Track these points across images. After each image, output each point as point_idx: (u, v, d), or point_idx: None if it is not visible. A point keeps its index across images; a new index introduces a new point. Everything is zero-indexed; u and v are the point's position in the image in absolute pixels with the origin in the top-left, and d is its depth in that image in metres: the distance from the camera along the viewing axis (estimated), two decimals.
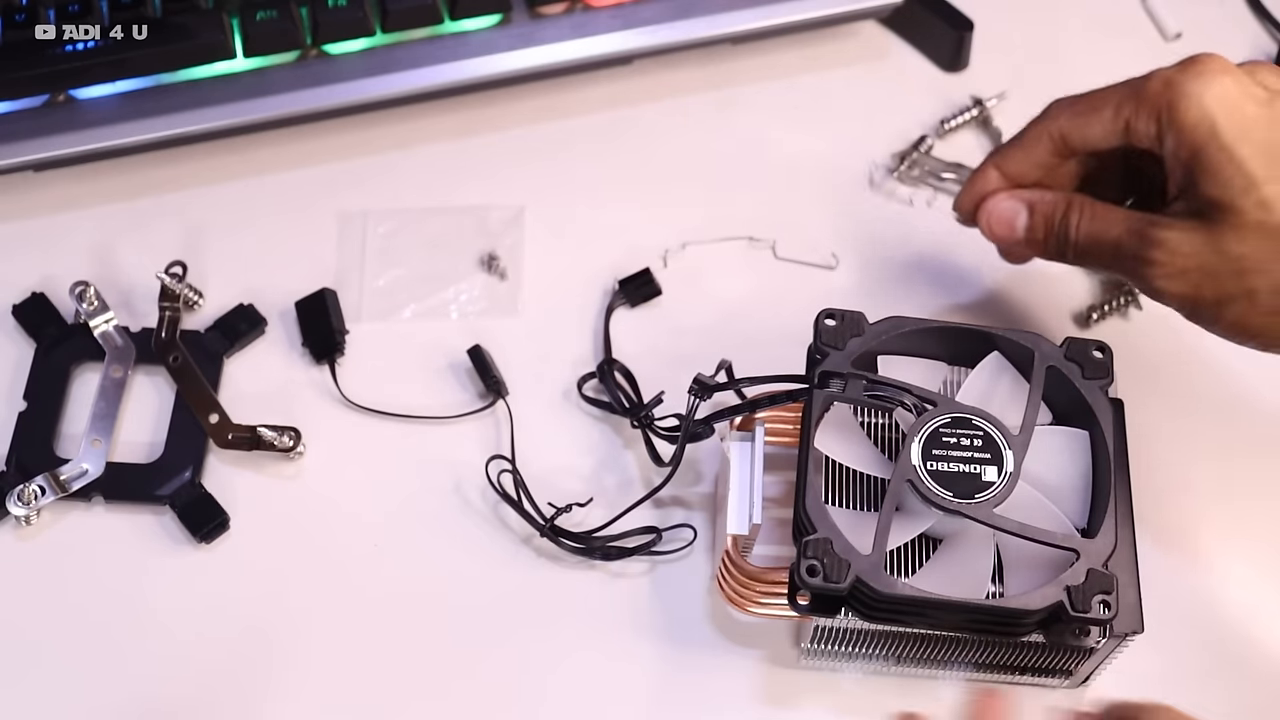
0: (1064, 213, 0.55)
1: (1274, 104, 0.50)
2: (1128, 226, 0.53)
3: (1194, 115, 0.50)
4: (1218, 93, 0.50)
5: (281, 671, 0.58)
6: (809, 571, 0.50)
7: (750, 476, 0.55)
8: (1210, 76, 0.50)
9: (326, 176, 0.70)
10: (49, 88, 0.67)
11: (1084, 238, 0.54)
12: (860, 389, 0.53)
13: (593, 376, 0.63)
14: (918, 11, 0.73)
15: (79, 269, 0.66)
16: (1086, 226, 0.54)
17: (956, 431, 0.52)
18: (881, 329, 0.55)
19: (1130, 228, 0.53)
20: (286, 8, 0.68)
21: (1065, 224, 0.55)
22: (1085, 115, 0.55)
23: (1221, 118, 0.50)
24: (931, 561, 0.53)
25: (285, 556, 0.60)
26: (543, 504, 0.60)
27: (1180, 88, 0.51)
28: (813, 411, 0.54)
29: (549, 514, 0.59)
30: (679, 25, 0.70)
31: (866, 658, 0.56)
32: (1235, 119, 0.50)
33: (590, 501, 0.60)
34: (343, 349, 0.65)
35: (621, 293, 0.65)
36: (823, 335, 0.55)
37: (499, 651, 0.58)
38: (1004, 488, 0.51)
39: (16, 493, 0.60)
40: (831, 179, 0.70)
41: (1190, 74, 0.51)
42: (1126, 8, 0.76)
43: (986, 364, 0.56)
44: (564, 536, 0.59)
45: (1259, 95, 0.50)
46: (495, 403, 0.63)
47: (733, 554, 0.55)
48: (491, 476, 0.60)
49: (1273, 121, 0.50)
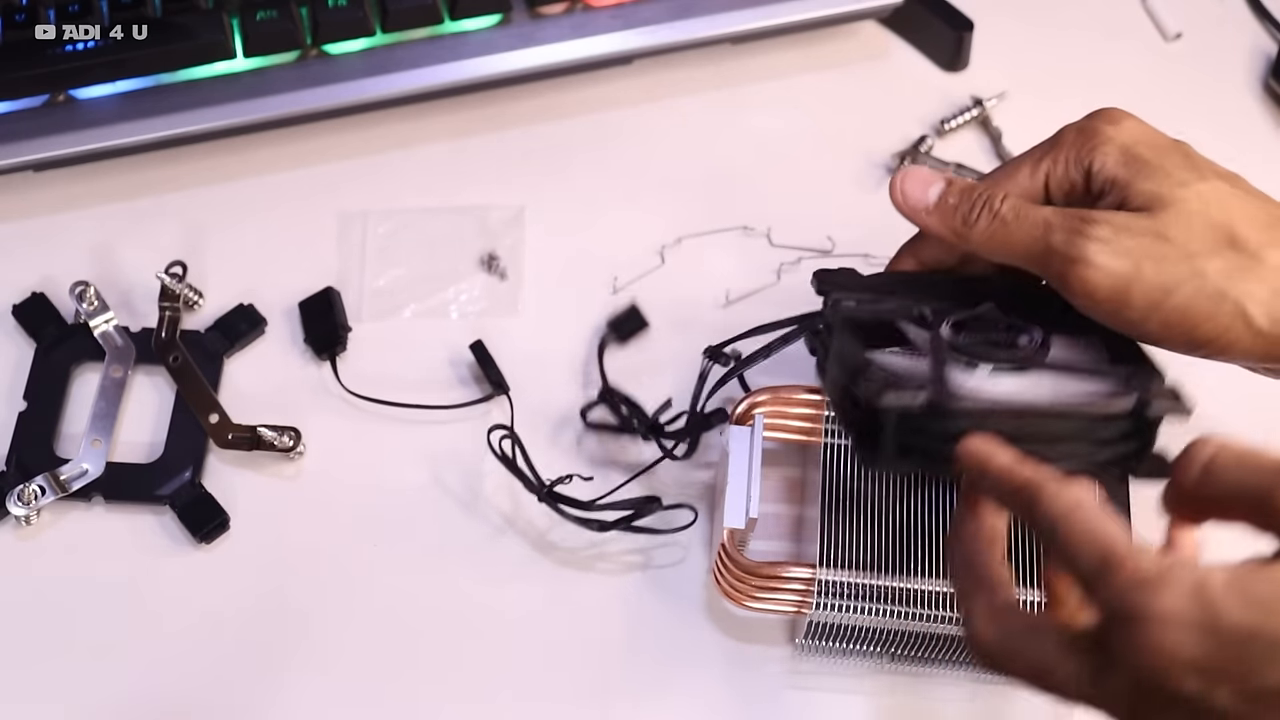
0: (978, 194, 0.52)
1: (1175, 142, 0.51)
2: (1058, 210, 0.50)
3: (1120, 139, 0.51)
4: (1132, 125, 0.51)
5: (282, 671, 0.58)
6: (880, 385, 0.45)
7: (748, 470, 0.55)
8: (1120, 116, 0.52)
9: (326, 176, 0.70)
10: (49, 88, 0.67)
11: (1009, 210, 0.50)
12: (871, 303, 0.52)
13: (595, 405, 0.63)
14: (918, 11, 0.73)
15: (79, 269, 0.66)
16: (1012, 200, 0.51)
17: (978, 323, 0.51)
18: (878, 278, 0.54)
19: (1064, 213, 0.50)
20: (286, 8, 0.68)
21: (988, 196, 0.51)
22: (1000, 182, 0.52)
23: (1143, 140, 0.51)
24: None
25: (285, 556, 0.60)
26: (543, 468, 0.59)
27: (1097, 125, 0.51)
28: (833, 337, 0.51)
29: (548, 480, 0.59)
30: (679, 25, 0.70)
31: (861, 654, 0.56)
32: (1153, 142, 0.51)
33: (592, 479, 0.60)
34: (345, 344, 0.65)
35: (612, 333, 0.65)
36: (823, 279, 0.53)
37: (499, 648, 0.58)
38: (1040, 345, 0.50)
39: (16, 493, 0.60)
40: (832, 179, 0.70)
41: (1100, 118, 0.52)
42: (1126, 8, 0.77)
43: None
44: (561, 502, 0.58)
45: (1161, 135, 0.52)
46: (494, 396, 0.63)
47: (729, 548, 0.55)
48: (493, 444, 0.59)
49: (1179, 146, 0.51)
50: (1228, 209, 0.48)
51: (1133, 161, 0.50)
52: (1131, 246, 0.48)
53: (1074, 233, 0.48)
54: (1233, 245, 0.48)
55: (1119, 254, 0.48)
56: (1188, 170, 0.49)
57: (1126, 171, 0.50)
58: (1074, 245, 0.48)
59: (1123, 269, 0.48)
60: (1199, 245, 0.48)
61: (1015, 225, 0.50)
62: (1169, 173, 0.49)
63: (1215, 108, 0.73)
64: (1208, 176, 0.49)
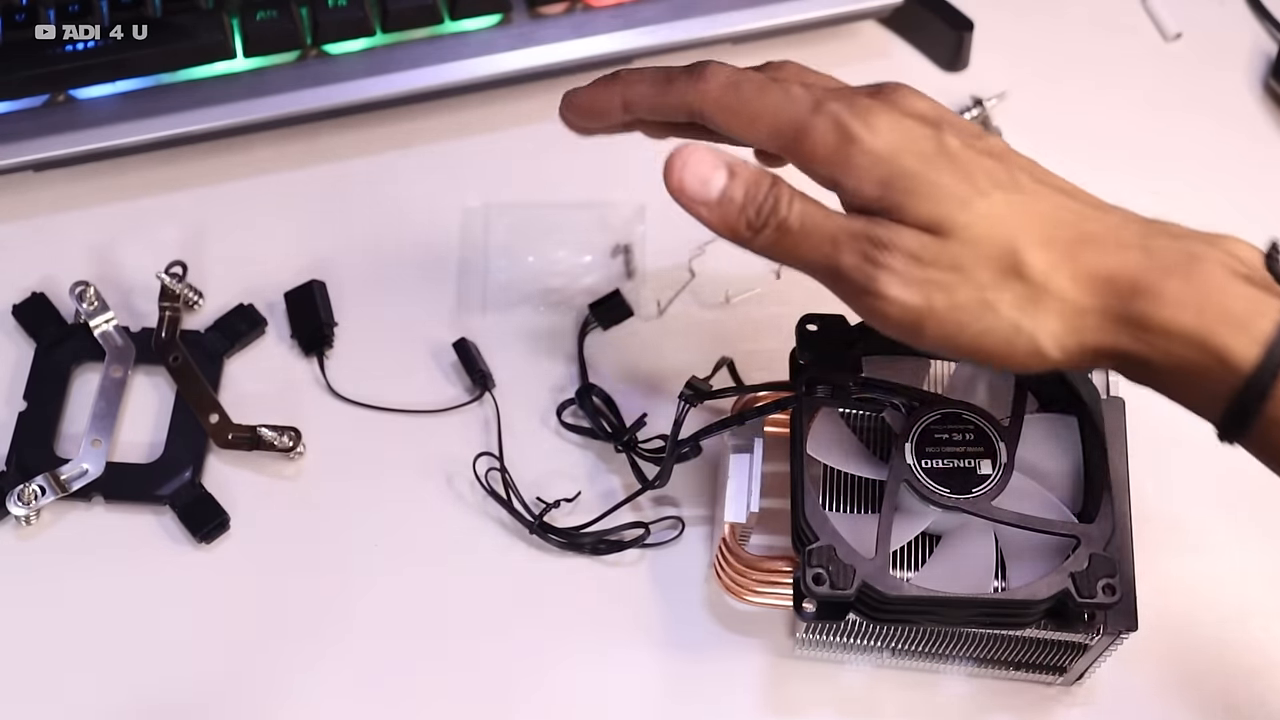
0: (771, 186, 0.47)
1: (941, 138, 0.46)
2: (849, 221, 0.46)
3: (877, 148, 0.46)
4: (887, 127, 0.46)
5: (282, 671, 0.58)
6: (815, 580, 0.50)
7: (750, 464, 0.55)
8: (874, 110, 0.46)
9: (326, 176, 0.70)
10: (49, 88, 0.67)
11: (797, 219, 0.46)
12: (848, 392, 0.53)
13: (571, 403, 0.63)
14: (918, 11, 0.73)
15: (79, 269, 0.66)
16: (800, 207, 0.46)
17: (948, 427, 0.53)
18: (863, 329, 0.55)
19: (854, 223, 0.46)
20: (286, 8, 0.68)
21: (775, 198, 0.46)
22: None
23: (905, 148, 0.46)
24: (934, 558, 0.53)
25: (285, 556, 0.60)
26: (531, 498, 0.60)
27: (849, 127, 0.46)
28: (802, 418, 0.54)
29: (537, 510, 0.60)
30: (679, 25, 0.70)
31: (861, 649, 0.56)
32: (918, 148, 0.46)
33: (579, 495, 0.61)
34: (331, 341, 0.65)
35: (593, 317, 0.65)
36: (805, 341, 0.55)
37: (499, 644, 0.58)
38: (1000, 479, 0.51)
39: (16, 493, 0.60)
40: None
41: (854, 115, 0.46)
42: (1126, 8, 0.77)
43: None
44: (552, 533, 0.59)
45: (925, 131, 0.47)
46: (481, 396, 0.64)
47: (730, 542, 0.55)
48: (479, 475, 0.60)
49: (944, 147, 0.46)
50: (1010, 230, 0.45)
51: (897, 181, 0.45)
52: (922, 277, 0.45)
53: (864, 258, 0.45)
54: (1018, 274, 0.45)
55: (909, 285, 0.45)
56: (964, 183, 0.45)
57: (892, 195, 0.45)
58: (863, 272, 0.45)
59: (914, 303, 0.45)
60: (987, 275, 0.45)
61: (802, 237, 0.46)
62: (945, 191, 0.45)
63: (1215, 108, 0.73)
64: (985, 190, 0.45)
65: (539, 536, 0.59)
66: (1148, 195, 0.69)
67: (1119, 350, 0.45)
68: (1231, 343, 0.43)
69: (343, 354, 0.65)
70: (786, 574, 0.54)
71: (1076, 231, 0.46)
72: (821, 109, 0.46)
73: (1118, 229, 0.46)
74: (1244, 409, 0.44)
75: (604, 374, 0.64)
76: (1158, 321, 0.44)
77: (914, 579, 0.52)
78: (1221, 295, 0.44)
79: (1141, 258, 0.45)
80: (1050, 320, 0.45)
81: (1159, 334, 0.44)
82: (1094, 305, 0.45)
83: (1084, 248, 0.45)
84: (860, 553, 0.50)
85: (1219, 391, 0.44)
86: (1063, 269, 0.45)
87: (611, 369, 0.64)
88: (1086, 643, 0.52)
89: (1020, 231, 0.45)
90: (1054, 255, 0.45)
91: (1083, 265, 0.45)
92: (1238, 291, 0.44)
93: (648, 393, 0.63)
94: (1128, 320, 0.44)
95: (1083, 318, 0.45)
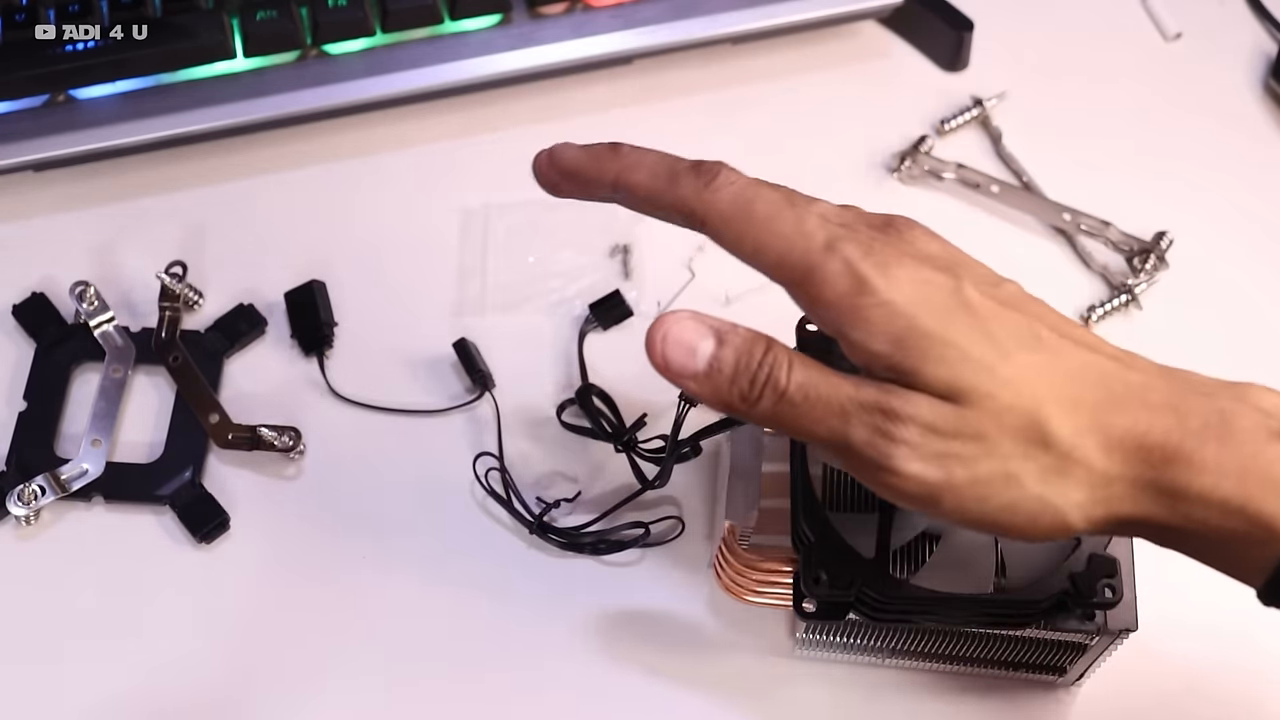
0: (765, 352, 0.43)
1: (959, 290, 0.42)
2: (858, 389, 0.42)
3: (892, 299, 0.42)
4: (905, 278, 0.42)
5: (282, 671, 0.58)
6: (815, 580, 0.50)
7: (750, 464, 0.55)
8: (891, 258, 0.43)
9: (326, 176, 0.70)
10: (49, 88, 0.67)
11: (797, 390, 0.42)
12: None
13: (571, 403, 0.63)
14: (918, 11, 0.73)
15: (79, 269, 0.66)
16: (801, 377, 0.42)
17: None
18: None
19: (863, 392, 0.42)
20: (286, 8, 0.68)
21: (771, 366, 0.42)
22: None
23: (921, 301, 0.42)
24: (934, 558, 0.53)
25: (285, 556, 0.60)
26: (531, 498, 0.60)
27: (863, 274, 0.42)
28: None
29: (537, 510, 0.60)
30: (679, 25, 0.70)
31: (861, 649, 0.56)
32: (935, 302, 0.42)
33: (579, 495, 0.61)
34: (330, 341, 0.65)
35: (593, 317, 0.65)
36: (805, 342, 0.55)
37: (499, 644, 0.58)
38: None
39: (16, 493, 0.60)
40: (832, 179, 0.70)
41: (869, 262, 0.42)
42: (1126, 8, 0.77)
43: None
44: (552, 533, 0.59)
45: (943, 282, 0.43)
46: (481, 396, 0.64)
47: (730, 542, 0.55)
48: (479, 475, 0.60)
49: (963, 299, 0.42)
50: (1036, 396, 0.42)
51: (912, 341, 0.41)
52: (941, 450, 0.41)
53: (876, 432, 0.41)
54: (1044, 443, 0.41)
55: (927, 459, 0.41)
56: (985, 344, 0.42)
57: (906, 356, 0.41)
58: (876, 447, 0.41)
59: (933, 477, 0.42)
60: (1011, 446, 0.41)
61: (806, 409, 0.42)
62: (966, 354, 0.41)
63: (1215, 108, 0.73)
64: (1009, 351, 0.42)
65: (539, 536, 0.59)
66: (1148, 196, 0.70)
67: (1151, 519, 0.42)
68: (1276, 509, 0.41)
69: (343, 354, 0.65)
70: (786, 574, 0.54)
71: (1103, 392, 0.42)
72: (835, 249, 0.43)
73: (1144, 387, 0.43)
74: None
75: (604, 374, 0.64)
76: (1196, 490, 0.41)
77: (914, 579, 0.52)
78: (1262, 459, 0.41)
79: (1173, 420, 0.42)
80: (1077, 491, 0.42)
81: (1196, 503, 0.42)
82: (1124, 473, 0.42)
83: (1112, 410, 0.42)
84: (860, 553, 0.50)
85: (1261, 558, 0.41)
86: (1091, 435, 0.42)
87: (611, 369, 0.64)
88: (1086, 643, 0.52)
89: (1046, 396, 0.42)
90: (1081, 420, 0.42)
91: (1112, 430, 0.42)
92: (1275, 452, 0.41)
93: (648, 393, 0.62)
94: (1161, 489, 0.42)
95: (1111, 487, 0.42)
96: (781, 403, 0.42)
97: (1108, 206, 0.68)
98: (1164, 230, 0.67)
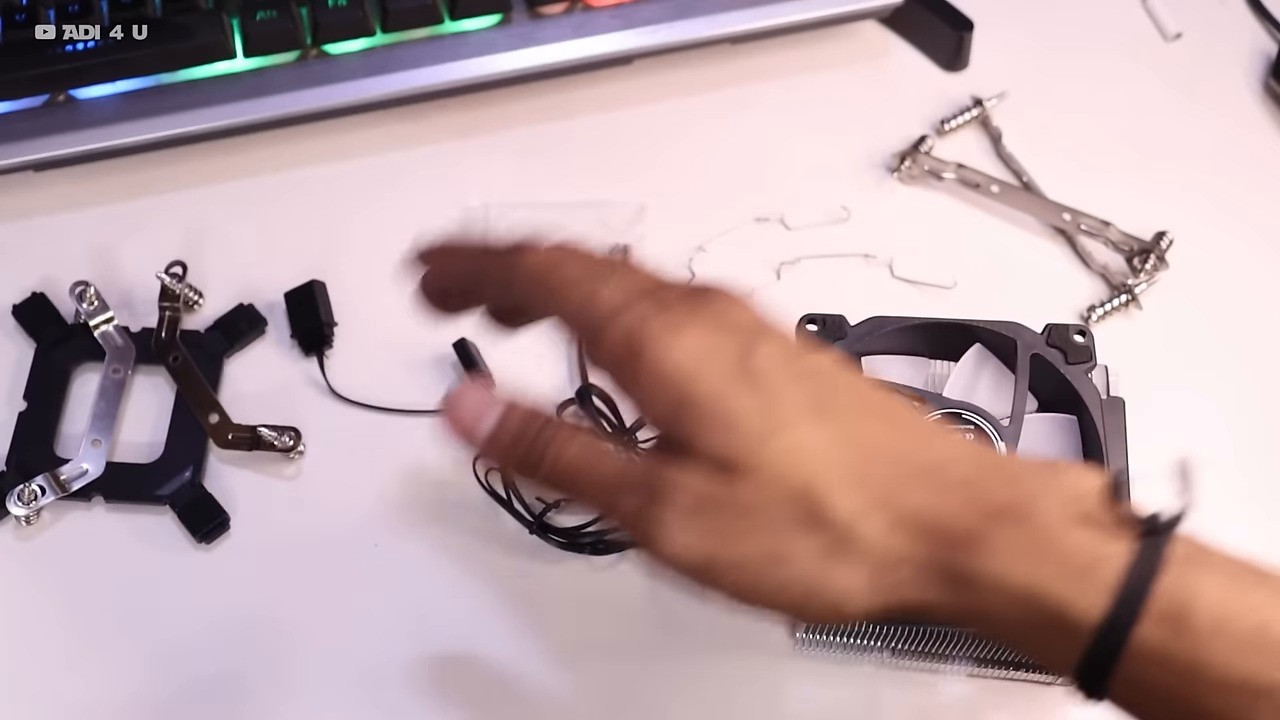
0: (544, 425, 0.43)
1: (746, 358, 0.41)
2: (629, 466, 0.42)
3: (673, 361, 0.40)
4: (692, 342, 0.41)
5: (282, 671, 0.58)
6: None
7: None
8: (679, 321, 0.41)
9: (326, 176, 0.70)
10: (49, 88, 0.67)
11: (570, 462, 0.42)
12: None
13: (571, 403, 0.63)
14: (918, 11, 0.73)
15: (79, 269, 0.66)
16: (574, 452, 0.42)
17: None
18: (864, 330, 0.55)
19: (633, 467, 0.42)
20: (286, 8, 0.68)
21: (547, 440, 0.43)
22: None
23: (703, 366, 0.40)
24: None
25: (285, 556, 0.60)
26: (531, 498, 0.60)
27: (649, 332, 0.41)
28: None
29: (537, 510, 0.59)
30: (679, 25, 0.70)
31: (861, 649, 0.56)
32: (716, 371, 0.40)
33: None
34: (330, 341, 0.65)
35: None
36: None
37: (498, 644, 0.58)
38: None
39: (16, 493, 0.60)
40: (832, 179, 0.70)
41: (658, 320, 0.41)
42: (1126, 8, 0.77)
43: (969, 356, 0.56)
44: (552, 533, 0.59)
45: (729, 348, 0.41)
46: None
47: None
48: (479, 475, 0.60)
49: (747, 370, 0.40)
50: (813, 469, 0.39)
51: (689, 409, 0.40)
52: (708, 526, 0.40)
53: (647, 501, 0.40)
54: (819, 521, 0.39)
55: (692, 534, 0.40)
56: (764, 413, 0.40)
57: (682, 424, 0.40)
58: (645, 518, 0.40)
59: (698, 554, 0.40)
60: (783, 523, 0.39)
61: (578, 478, 0.42)
62: (741, 422, 0.40)
63: (1215, 108, 0.73)
64: (790, 420, 0.40)
65: (539, 536, 0.59)
66: (1148, 196, 0.70)
67: (943, 606, 0.40)
68: (1074, 598, 0.38)
69: (343, 354, 0.65)
70: None
71: (895, 468, 0.40)
72: (620, 315, 0.41)
73: (943, 465, 0.40)
74: (1100, 668, 0.38)
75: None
76: (987, 577, 0.39)
77: None
78: (1060, 545, 0.39)
79: (968, 501, 0.40)
80: (856, 573, 0.39)
81: (989, 590, 0.39)
82: (911, 555, 0.39)
83: (904, 487, 0.40)
84: None
85: (1062, 650, 0.39)
86: (875, 514, 0.39)
87: None
88: None
89: (825, 470, 0.39)
90: (865, 497, 0.39)
91: (900, 509, 0.39)
92: (1078, 537, 0.39)
93: None
94: (951, 574, 0.39)
95: (896, 570, 0.39)
96: (556, 474, 0.43)
97: (1108, 206, 0.68)
98: (1164, 230, 0.67)
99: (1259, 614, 0.38)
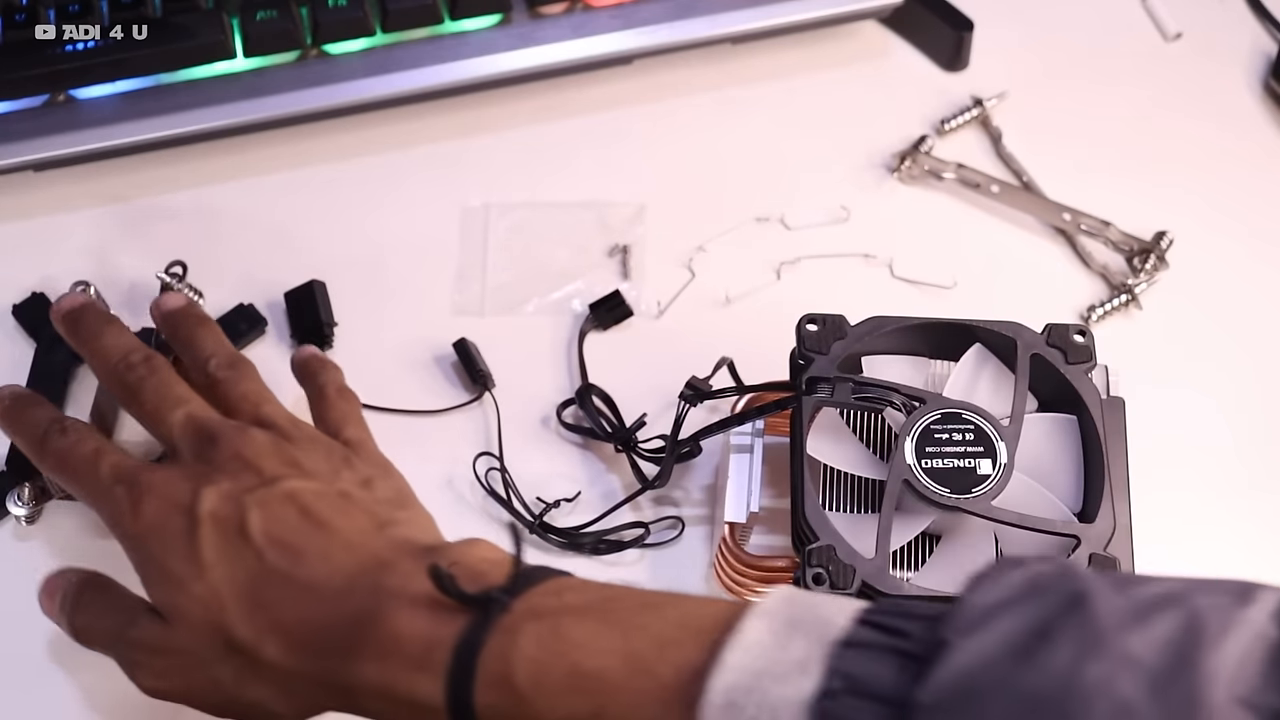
0: (76, 593, 0.52)
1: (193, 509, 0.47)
2: (115, 621, 0.50)
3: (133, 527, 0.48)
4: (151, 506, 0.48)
5: None
6: (815, 580, 0.50)
7: (749, 465, 0.55)
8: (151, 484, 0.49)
9: (326, 176, 0.70)
10: (49, 88, 0.67)
11: (81, 625, 0.51)
12: (848, 392, 0.54)
13: (571, 403, 0.63)
14: (918, 11, 0.73)
15: (79, 269, 0.66)
16: (85, 614, 0.51)
17: (948, 427, 0.53)
18: (864, 330, 0.55)
19: (117, 623, 0.49)
20: (286, 8, 0.68)
21: (72, 606, 0.52)
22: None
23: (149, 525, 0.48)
24: (934, 558, 0.53)
25: None
26: (531, 498, 0.60)
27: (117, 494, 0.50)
28: (802, 418, 0.54)
29: (537, 510, 0.60)
30: (679, 25, 0.70)
31: None
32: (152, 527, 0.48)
33: (579, 495, 0.61)
34: (331, 341, 0.65)
35: (592, 317, 0.65)
36: (806, 340, 0.55)
37: None
38: (999, 479, 0.51)
39: (16, 493, 0.60)
40: (832, 179, 0.70)
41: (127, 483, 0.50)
42: (1126, 8, 0.77)
43: (969, 356, 0.56)
44: (552, 533, 0.59)
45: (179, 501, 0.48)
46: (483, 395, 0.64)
47: (730, 542, 0.55)
48: (479, 475, 0.60)
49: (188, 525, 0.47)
50: (220, 605, 0.46)
51: (143, 566, 0.48)
52: (164, 666, 0.48)
53: (126, 662, 0.49)
54: (232, 648, 0.45)
55: (156, 675, 0.48)
56: (189, 563, 0.46)
57: (143, 583, 0.48)
58: (126, 666, 0.49)
59: (165, 689, 0.48)
60: (209, 654, 0.46)
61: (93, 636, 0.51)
62: (168, 574, 0.47)
63: (1215, 108, 0.73)
64: (209, 566, 0.46)
65: (539, 536, 0.59)
66: (1148, 196, 0.70)
67: (348, 709, 0.44)
68: (418, 686, 0.42)
69: (343, 354, 0.65)
70: (786, 574, 0.54)
71: (280, 591, 0.45)
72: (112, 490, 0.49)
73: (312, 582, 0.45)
74: None
75: (604, 374, 0.64)
76: (358, 683, 0.43)
77: (914, 579, 0.52)
78: (401, 638, 0.42)
79: (334, 608, 0.44)
80: (266, 689, 0.45)
81: (365, 694, 0.43)
82: (304, 671, 0.44)
83: (286, 608, 0.45)
84: (860, 553, 0.50)
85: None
86: (270, 636, 0.44)
87: (611, 369, 0.64)
88: None
89: (231, 604, 0.45)
90: (261, 621, 0.45)
91: (287, 628, 0.44)
92: (417, 627, 0.42)
93: (648, 393, 0.62)
94: (335, 685, 0.43)
95: (294, 682, 0.44)
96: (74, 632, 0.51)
97: (1108, 206, 0.68)
98: (1164, 230, 0.67)
99: (571, 656, 0.40)
